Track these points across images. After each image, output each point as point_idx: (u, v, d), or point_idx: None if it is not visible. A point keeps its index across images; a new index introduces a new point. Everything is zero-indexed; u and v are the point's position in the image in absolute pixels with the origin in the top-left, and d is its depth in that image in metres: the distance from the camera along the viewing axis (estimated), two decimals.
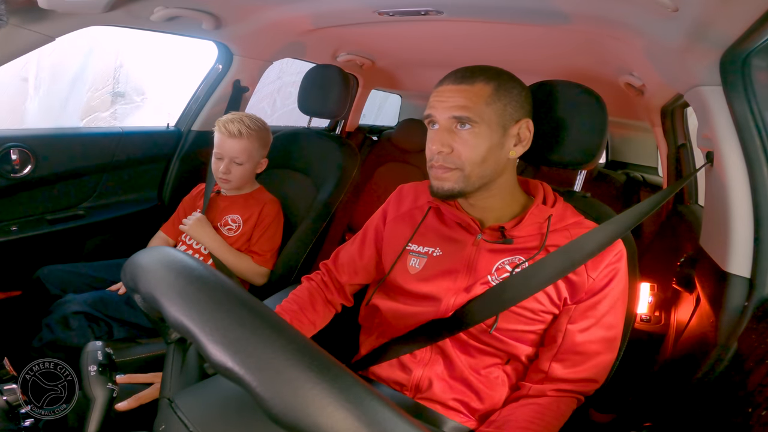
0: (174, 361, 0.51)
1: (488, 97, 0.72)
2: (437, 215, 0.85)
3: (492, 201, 0.79)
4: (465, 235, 0.81)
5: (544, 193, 0.81)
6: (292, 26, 1.47)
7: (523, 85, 0.77)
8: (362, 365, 0.86)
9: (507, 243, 0.77)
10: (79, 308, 1.05)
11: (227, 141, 1.24)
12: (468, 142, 0.72)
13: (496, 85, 0.73)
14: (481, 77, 0.73)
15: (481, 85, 0.72)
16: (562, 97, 0.83)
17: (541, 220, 0.77)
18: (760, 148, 0.77)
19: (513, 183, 0.80)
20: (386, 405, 0.30)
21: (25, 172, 1.23)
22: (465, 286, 0.77)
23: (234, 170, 1.26)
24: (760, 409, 0.57)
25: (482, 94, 0.72)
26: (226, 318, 0.35)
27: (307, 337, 0.35)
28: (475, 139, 0.72)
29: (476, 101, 0.71)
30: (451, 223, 0.83)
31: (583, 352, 0.74)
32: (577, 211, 0.81)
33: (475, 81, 0.72)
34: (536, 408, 0.72)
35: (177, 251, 0.44)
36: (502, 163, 0.75)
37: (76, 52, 3.40)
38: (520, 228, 0.77)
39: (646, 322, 1.24)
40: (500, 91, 0.72)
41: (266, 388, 0.30)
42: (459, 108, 0.71)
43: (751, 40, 0.70)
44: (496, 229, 0.78)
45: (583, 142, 0.83)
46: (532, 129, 0.76)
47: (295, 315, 0.85)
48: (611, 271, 0.74)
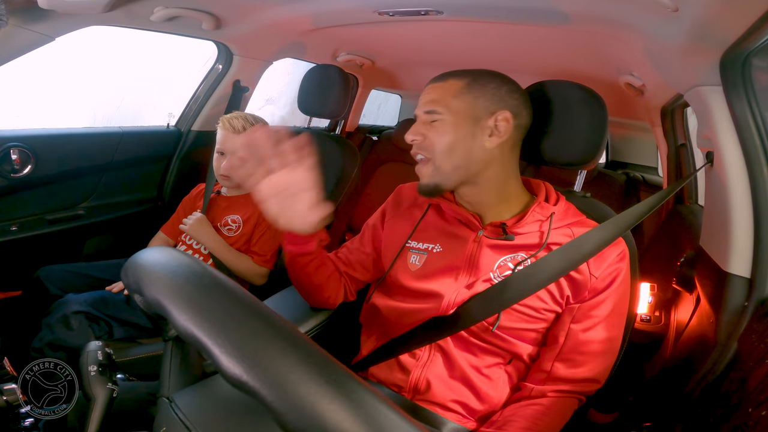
0: (172, 358, 0.51)
1: (457, 90, 0.77)
2: (437, 212, 0.86)
3: (484, 196, 0.80)
4: (466, 232, 0.81)
5: (546, 191, 0.82)
6: (292, 26, 1.46)
7: (505, 81, 0.78)
8: (363, 365, 0.86)
9: (508, 240, 0.77)
10: (80, 308, 1.05)
11: (231, 137, 1.24)
12: (436, 131, 0.76)
13: (469, 80, 0.77)
14: (454, 75, 0.79)
15: (452, 81, 0.78)
16: (562, 97, 0.83)
17: (542, 218, 0.78)
18: (760, 148, 0.77)
19: (504, 178, 0.80)
20: (407, 420, 0.30)
21: (25, 172, 1.23)
22: (466, 283, 0.77)
23: (239, 166, 1.26)
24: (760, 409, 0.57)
25: (451, 89, 0.77)
26: (239, 329, 0.34)
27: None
28: (441, 128, 0.76)
29: (444, 95, 0.77)
30: (452, 219, 0.83)
31: (586, 351, 0.74)
32: (579, 211, 0.81)
33: (448, 79, 0.78)
34: (538, 409, 0.72)
35: (181, 253, 0.43)
36: (478, 155, 0.76)
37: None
38: (521, 225, 0.77)
39: (646, 322, 1.23)
40: (472, 85, 0.76)
41: (283, 403, 0.30)
42: (429, 102, 0.78)
43: (751, 40, 0.69)
44: (497, 226, 0.79)
45: (583, 142, 0.83)
46: (511, 121, 0.76)
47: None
48: (614, 270, 0.74)
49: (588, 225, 0.78)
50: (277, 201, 0.69)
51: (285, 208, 0.69)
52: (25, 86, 2.36)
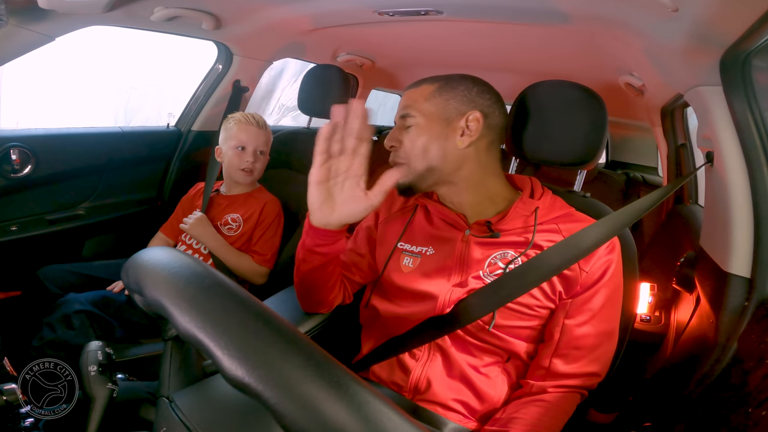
0: (172, 358, 0.51)
1: (429, 94, 0.79)
2: (425, 214, 0.86)
3: (464, 195, 0.81)
4: (454, 233, 0.82)
5: (531, 186, 0.82)
6: (292, 26, 1.47)
7: (476, 83, 0.80)
8: (363, 365, 0.86)
9: (494, 237, 0.78)
10: (81, 307, 1.06)
11: (253, 130, 1.28)
12: (410, 134, 0.79)
13: (441, 84, 0.79)
14: (427, 81, 0.81)
15: (425, 86, 0.80)
16: (562, 97, 0.83)
17: (527, 213, 0.78)
18: (760, 148, 0.77)
19: (480, 176, 0.80)
20: (408, 422, 0.30)
21: (25, 172, 1.23)
22: (459, 282, 0.78)
23: (258, 162, 1.29)
24: (761, 409, 0.57)
25: (424, 93, 0.79)
26: (241, 330, 0.34)
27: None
28: (415, 131, 0.78)
29: (417, 99, 0.79)
30: (439, 221, 0.84)
31: (582, 346, 0.74)
32: (567, 204, 0.81)
33: (421, 84, 0.81)
34: (541, 405, 0.72)
35: (181, 253, 0.43)
36: (453, 155, 0.78)
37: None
38: (505, 222, 0.78)
39: (646, 322, 1.24)
40: (443, 88, 0.79)
41: (286, 405, 0.30)
42: (403, 107, 0.80)
43: (751, 40, 0.69)
44: (482, 224, 0.79)
45: (582, 142, 0.83)
46: (482, 121, 0.77)
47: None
48: (604, 263, 0.74)
49: (577, 217, 0.79)
50: (326, 188, 0.68)
51: (333, 194, 0.68)
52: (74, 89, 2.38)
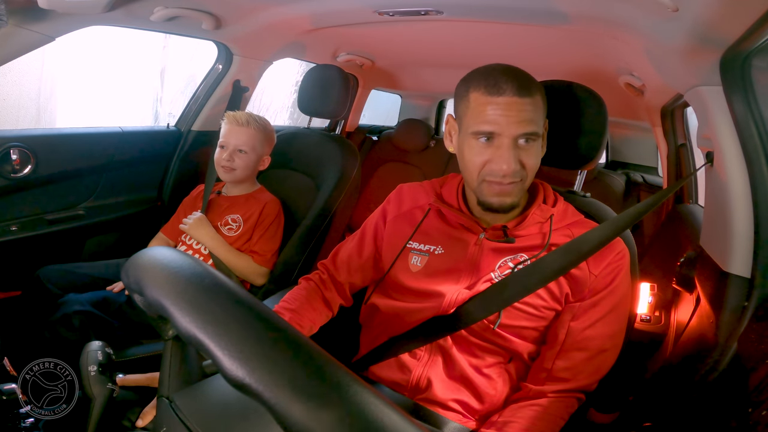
0: (172, 358, 0.51)
1: (543, 108, 0.73)
2: (438, 215, 0.85)
3: None
4: (468, 235, 0.81)
5: (544, 192, 0.82)
6: (292, 26, 1.47)
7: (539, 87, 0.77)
8: (362, 364, 0.86)
9: (509, 242, 0.77)
10: (81, 308, 1.05)
11: (234, 129, 1.27)
12: (533, 155, 0.73)
13: (542, 93, 0.74)
14: (534, 87, 0.71)
15: (539, 96, 0.72)
16: (562, 97, 0.83)
17: (542, 220, 0.78)
18: (759, 148, 0.77)
19: None
20: (409, 422, 0.30)
21: (25, 172, 1.23)
22: (468, 284, 0.78)
23: (237, 159, 1.27)
24: (760, 409, 0.57)
25: (541, 106, 0.72)
26: (242, 331, 0.33)
27: (307, 336, 0.34)
28: (538, 151, 0.73)
29: (539, 114, 0.72)
30: (454, 222, 0.83)
31: (585, 348, 0.74)
32: (578, 211, 0.81)
33: (533, 92, 0.70)
34: (538, 409, 0.72)
35: (182, 253, 0.43)
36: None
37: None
38: (522, 228, 0.78)
39: (646, 322, 1.23)
40: (544, 99, 0.74)
41: (287, 406, 0.30)
42: (528, 123, 0.70)
43: (751, 40, 0.69)
44: (498, 229, 0.79)
45: (582, 142, 0.83)
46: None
47: (294, 314, 0.85)
48: (614, 269, 0.74)
49: (587, 225, 0.79)
50: None
51: None
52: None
